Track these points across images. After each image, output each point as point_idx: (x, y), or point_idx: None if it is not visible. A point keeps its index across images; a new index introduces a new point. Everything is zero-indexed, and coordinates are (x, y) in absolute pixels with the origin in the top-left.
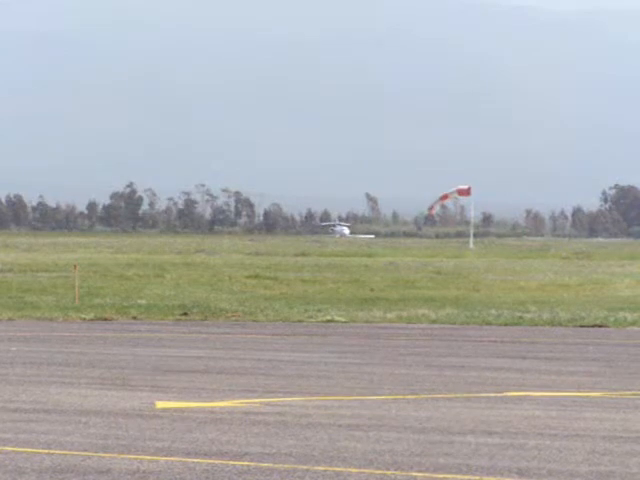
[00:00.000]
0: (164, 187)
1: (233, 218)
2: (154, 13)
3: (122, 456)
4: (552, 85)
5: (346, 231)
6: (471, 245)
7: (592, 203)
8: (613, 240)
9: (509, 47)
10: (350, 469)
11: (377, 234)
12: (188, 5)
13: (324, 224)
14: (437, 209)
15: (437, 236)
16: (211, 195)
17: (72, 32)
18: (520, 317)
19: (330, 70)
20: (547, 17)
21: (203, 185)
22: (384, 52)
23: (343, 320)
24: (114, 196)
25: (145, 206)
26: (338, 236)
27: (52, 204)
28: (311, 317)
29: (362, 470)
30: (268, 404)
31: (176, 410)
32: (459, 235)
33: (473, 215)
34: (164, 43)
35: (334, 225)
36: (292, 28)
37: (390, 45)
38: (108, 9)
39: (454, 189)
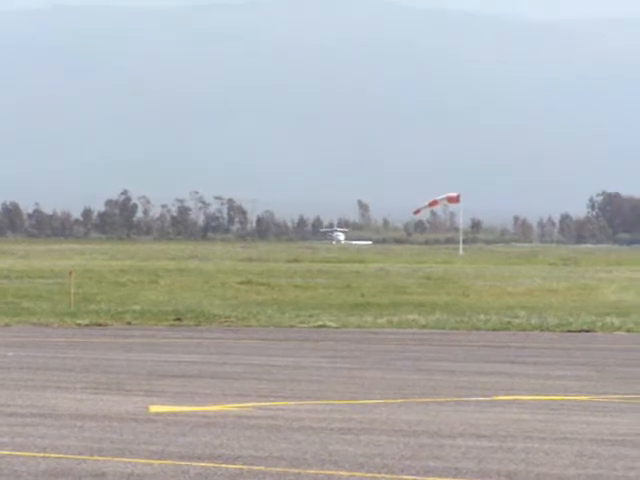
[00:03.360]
0: (158, 194)
1: (226, 225)
2: (151, 19)
3: (116, 459)
4: (539, 94)
5: (341, 237)
6: (460, 251)
7: (579, 210)
8: (600, 246)
9: (498, 56)
10: (341, 472)
11: (367, 240)
12: (185, 12)
13: (324, 230)
14: (425, 214)
15: (427, 242)
16: (204, 202)
17: (69, 39)
18: (509, 322)
19: (322, 78)
20: (537, 26)
21: (196, 192)
22: (377, 61)
23: (334, 325)
24: (109, 203)
25: (139, 213)
26: (335, 242)
27: (48, 211)
28: (303, 322)
29: (353, 473)
30: (260, 408)
31: (170, 414)
32: (449, 241)
33: (462, 222)
34: (160, 50)
35: (332, 231)
36: (288, 35)
37: (382, 55)
38: (105, 14)
39: (443, 196)
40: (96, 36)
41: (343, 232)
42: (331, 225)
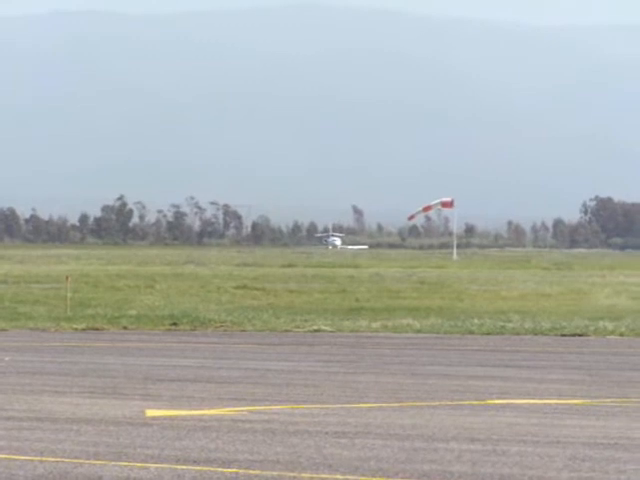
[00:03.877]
0: (154, 200)
1: (221, 230)
2: (148, 26)
3: (113, 463)
4: (533, 98)
5: (337, 242)
6: (454, 256)
7: (572, 215)
8: (593, 251)
9: (492, 62)
10: (336, 476)
11: (357, 245)
12: (178, 19)
13: (320, 235)
14: (419, 218)
15: (421, 247)
16: (200, 208)
17: (65, 45)
18: (502, 326)
19: (317, 85)
20: (531, 32)
21: (192, 198)
22: (371, 68)
23: (329, 330)
24: (105, 209)
25: (135, 219)
26: (331, 247)
27: (44, 217)
28: (298, 327)
29: (348, 477)
30: (256, 412)
31: (166, 418)
32: (443, 246)
33: (456, 227)
34: (153, 57)
35: (329, 236)
36: (284, 43)
37: (376, 62)
38: (102, 20)
39: (437, 201)
40: (92, 42)
41: (339, 237)
42: (326, 230)
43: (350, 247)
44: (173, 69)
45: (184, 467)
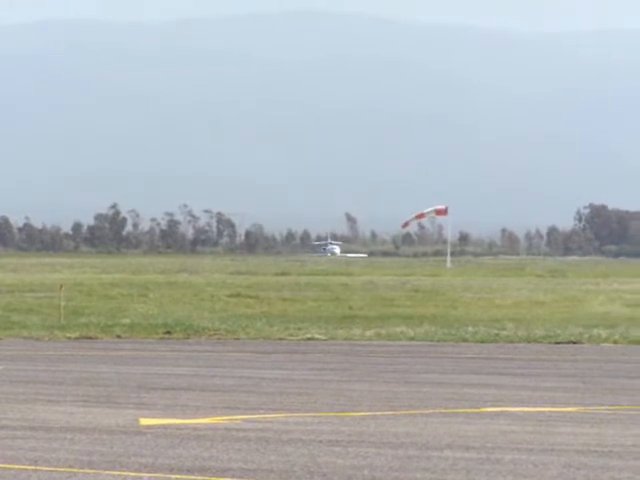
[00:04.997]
0: (147, 208)
1: (215, 238)
2: (142, 36)
3: (107, 472)
4: (528, 105)
5: (336, 250)
6: (448, 264)
7: (566, 222)
8: (587, 258)
9: (489, 68)
10: None
11: (356, 253)
12: (174, 27)
13: (318, 243)
14: (413, 226)
15: (415, 255)
16: (193, 216)
17: (62, 55)
18: (496, 334)
19: (309, 93)
20: (529, 39)
21: (185, 206)
22: (366, 76)
23: (323, 338)
24: (98, 217)
25: (129, 227)
26: (329, 254)
27: (38, 225)
28: (292, 335)
29: None
30: (250, 421)
31: (159, 427)
32: (437, 254)
33: (450, 234)
34: (146, 65)
35: (327, 244)
36: (278, 50)
37: (371, 70)
38: (96, 31)
39: (431, 209)
40: (88, 49)
41: (338, 245)
42: (319, 238)
43: (349, 255)
44: (169, 76)
45: (178, 476)
